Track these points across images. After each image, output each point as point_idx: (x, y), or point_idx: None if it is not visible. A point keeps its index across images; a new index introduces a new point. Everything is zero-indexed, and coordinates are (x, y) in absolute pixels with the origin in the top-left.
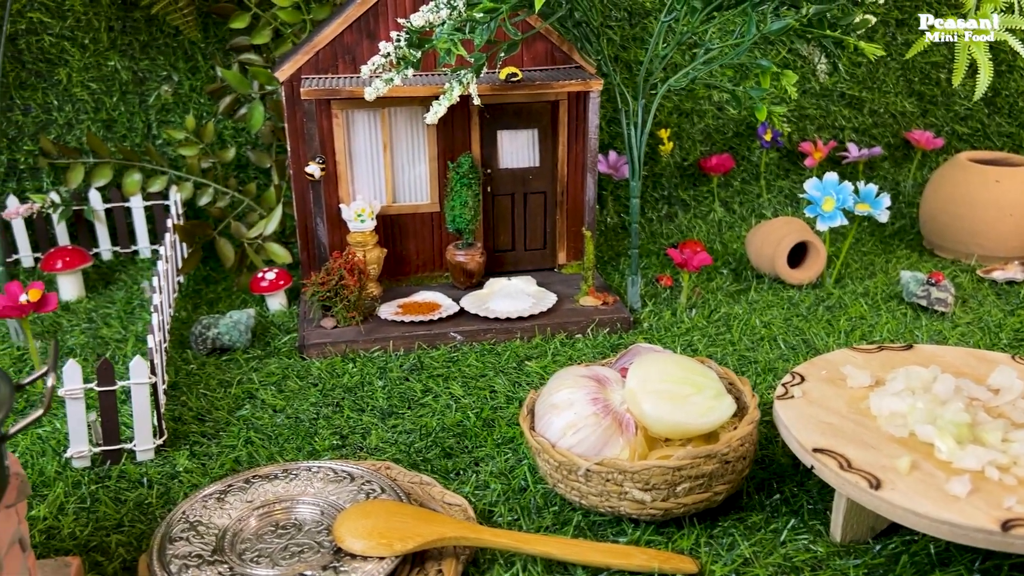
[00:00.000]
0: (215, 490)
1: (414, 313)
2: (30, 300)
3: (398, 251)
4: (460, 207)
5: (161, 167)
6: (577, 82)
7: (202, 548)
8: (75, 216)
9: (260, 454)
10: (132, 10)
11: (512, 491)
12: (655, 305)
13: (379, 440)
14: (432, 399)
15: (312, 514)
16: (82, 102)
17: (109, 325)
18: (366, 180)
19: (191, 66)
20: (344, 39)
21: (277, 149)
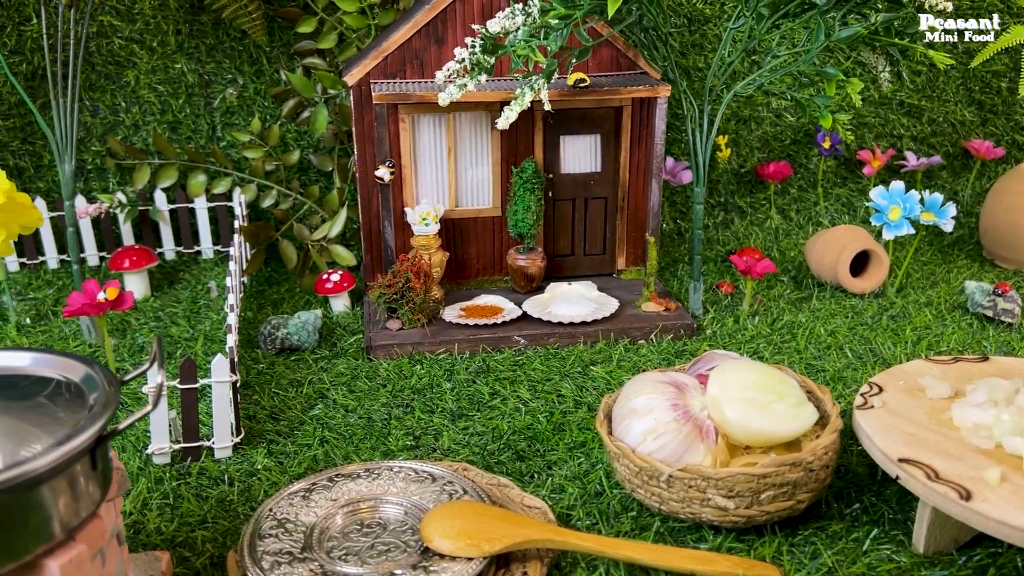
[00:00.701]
0: (300, 488)
1: (477, 316)
2: (107, 298)
3: (459, 255)
4: (523, 211)
5: (226, 169)
6: (644, 88)
7: (291, 545)
8: (140, 216)
9: (335, 453)
10: (199, 14)
11: (588, 495)
12: (716, 312)
13: (451, 441)
14: (500, 402)
15: (396, 513)
16: (149, 104)
17: (177, 324)
18: (429, 184)
19: (256, 69)
20: (412, 44)
21: (339, 152)
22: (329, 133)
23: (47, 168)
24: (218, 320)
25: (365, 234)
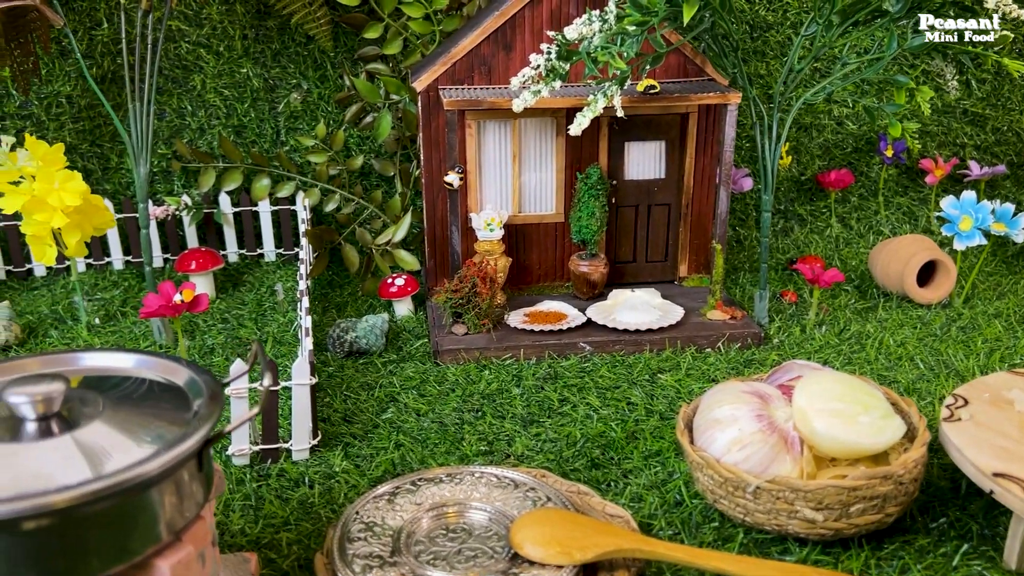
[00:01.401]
0: (385, 491)
1: (541, 322)
2: (184, 300)
3: (520, 260)
4: (587, 218)
5: (289, 173)
6: (715, 95)
7: (380, 549)
8: (204, 219)
9: (411, 457)
10: (266, 19)
11: (668, 505)
12: (782, 321)
13: (524, 447)
14: (571, 409)
15: (481, 519)
16: (215, 108)
17: (244, 326)
18: (493, 190)
19: (320, 75)
20: (481, 50)
21: (400, 158)
22: (391, 138)
23: (114, 171)
24: (284, 322)
25: (429, 239)
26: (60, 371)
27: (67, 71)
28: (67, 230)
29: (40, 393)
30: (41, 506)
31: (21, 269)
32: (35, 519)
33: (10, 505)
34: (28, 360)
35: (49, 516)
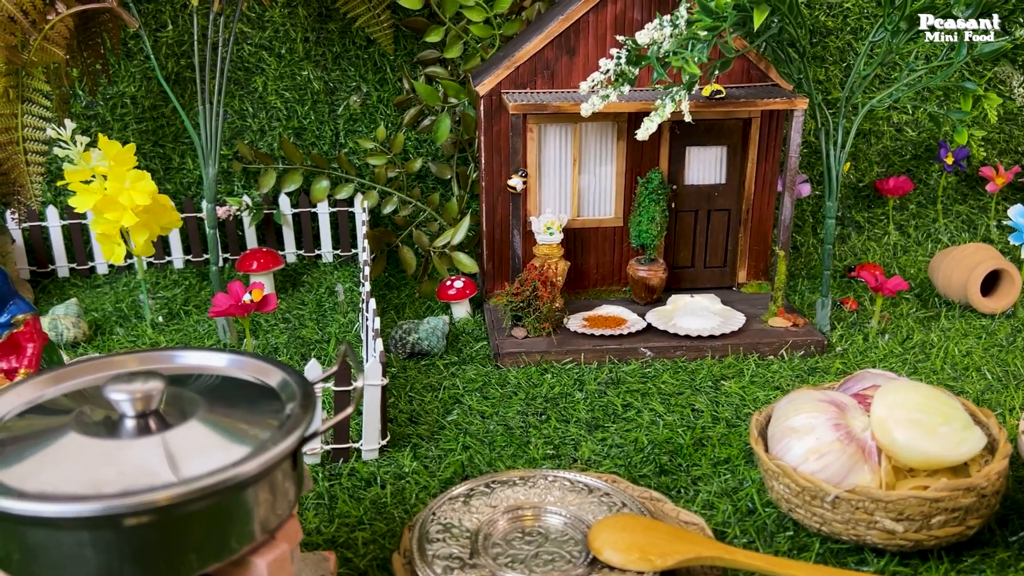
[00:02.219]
0: (460, 492)
1: (601, 327)
2: (253, 300)
3: (577, 264)
4: (647, 222)
5: (348, 175)
6: (781, 100)
7: (459, 550)
8: (263, 219)
9: (479, 459)
10: (327, 22)
11: (741, 513)
12: (844, 329)
13: (590, 452)
14: (635, 414)
15: (557, 523)
16: (275, 110)
17: (305, 326)
18: (552, 194)
19: (379, 78)
20: (544, 55)
21: (457, 161)
22: (448, 142)
23: (176, 171)
24: (345, 323)
25: (488, 242)
26: (157, 369)
27: (132, 72)
28: (135, 229)
29: (140, 391)
30: (147, 503)
31: (84, 267)
32: (139, 516)
33: (117, 501)
34: (126, 357)
35: (152, 513)
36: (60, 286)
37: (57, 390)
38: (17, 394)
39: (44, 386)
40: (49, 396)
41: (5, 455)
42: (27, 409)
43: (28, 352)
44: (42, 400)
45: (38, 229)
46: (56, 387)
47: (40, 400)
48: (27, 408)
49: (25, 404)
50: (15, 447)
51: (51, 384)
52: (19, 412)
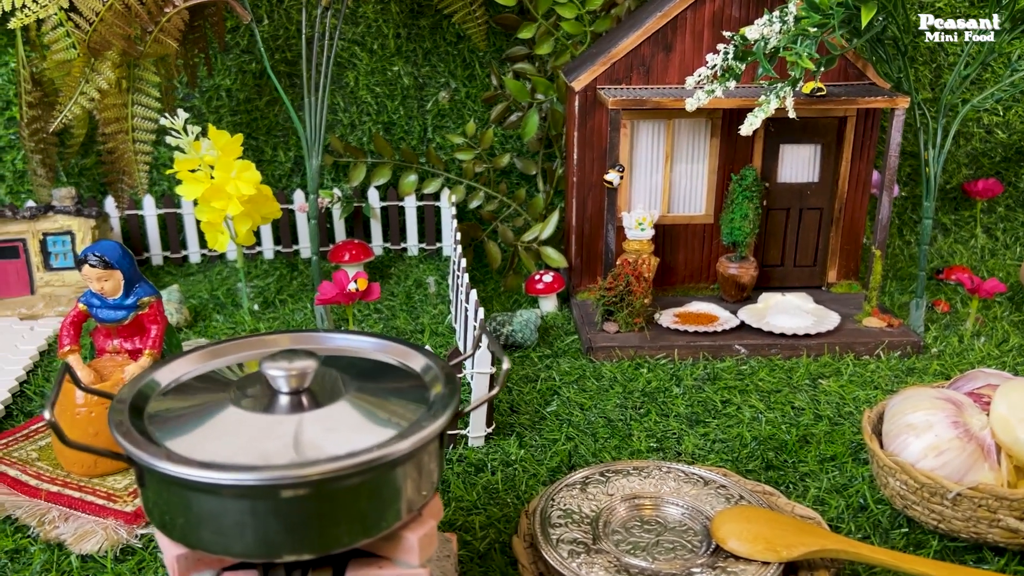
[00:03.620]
0: (576, 480)
1: (693, 323)
2: (358, 288)
3: (666, 261)
4: (740, 219)
5: (436, 170)
6: (882, 99)
7: (582, 535)
8: (352, 212)
9: (583, 449)
10: (418, 18)
11: (852, 509)
12: (937, 330)
13: (693, 447)
14: (735, 410)
15: (675, 513)
16: (366, 104)
17: (397, 317)
18: (643, 189)
19: (468, 74)
20: (640, 51)
21: (543, 157)
22: (534, 138)
23: (268, 163)
24: (436, 314)
25: (577, 237)
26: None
27: (228, 66)
28: (239, 218)
29: (295, 368)
30: (325, 472)
31: (177, 256)
32: (298, 488)
33: (298, 471)
34: (278, 336)
35: (315, 486)
36: (154, 273)
37: (214, 364)
38: (178, 366)
39: (202, 360)
40: (206, 370)
41: (172, 425)
42: (188, 380)
43: (152, 333)
44: (200, 373)
45: (135, 217)
46: (213, 361)
47: (198, 373)
48: (188, 379)
49: (185, 376)
50: (180, 418)
51: (209, 358)
52: (180, 383)
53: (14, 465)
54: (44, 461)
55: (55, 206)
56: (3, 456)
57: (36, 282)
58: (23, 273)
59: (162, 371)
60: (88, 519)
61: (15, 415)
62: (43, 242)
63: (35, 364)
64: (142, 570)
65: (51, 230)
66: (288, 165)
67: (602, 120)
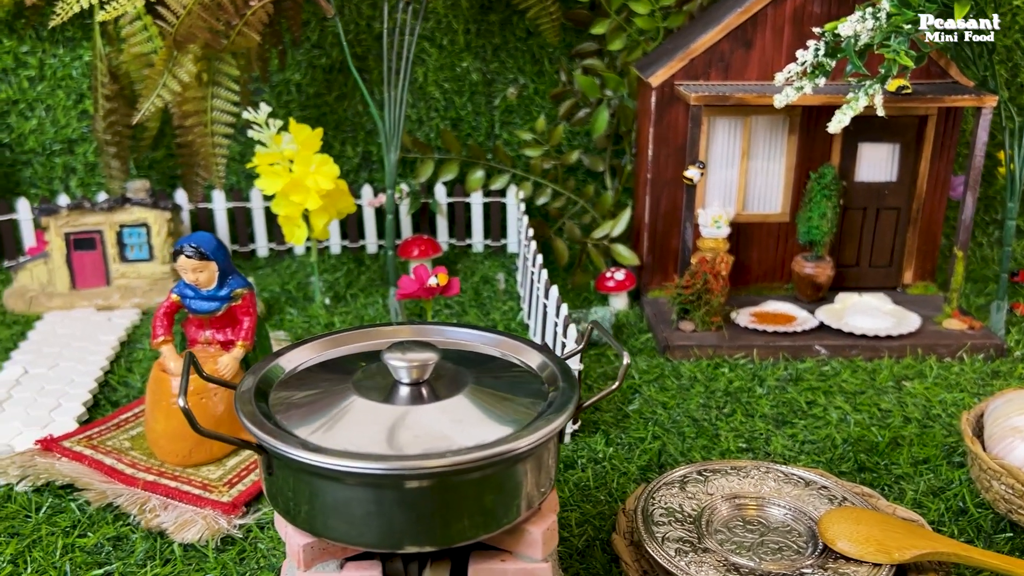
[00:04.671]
0: (675, 478)
1: (770, 323)
2: (439, 283)
3: (739, 259)
4: (818, 218)
5: (504, 166)
6: (969, 97)
7: (686, 534)
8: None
9: (671, 448)
10: (488, 14)
11: (952, 512)
12: (1019, 333)
13: (782, 447)
14: (821, 411)
15: (777, 514)
16: (434, 100)
17: (467, 313)
18: (718, 187)
19: (537, 70)
20: (720, 47)
21: (611, 153)
22: (602, 134)
23: (336, 158)
24: (506, 310)
25: (649, 234)
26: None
27: (298, 60)
28: (317, 212)
29: (417, 360)
30: (461, 463)
31: (245, 249)
32: (434, 478)
33: (424, 462)
34: (396, 328)
35: (448, 477)
36: None
37: (333, 353)
38: (299, 354)
39: (322, 348)
40: (324, 359)
41: (297, 413)
42: (307, 369)
43: (245, 325)
44: (320, 361)
45: (204, 211)
46: (332, 350)
47: (318, 361)
48: (307, 368)
49: (306, 363)
50: (305, 406)
51: (328, 347)
52: (299, 371)
53: (109, 454)
54: (137, 450)
55: (131, 198)
56: (98, 445)
57: (112, 274)
58: (99, 265)
59: (283, 359)
60: (187, 508)
61: (102, 404)
62: (119, 234)
63: (116, 354)
64: (243, 560)
65: (127, 222)
66: (355, 160)
67: (678, 116)
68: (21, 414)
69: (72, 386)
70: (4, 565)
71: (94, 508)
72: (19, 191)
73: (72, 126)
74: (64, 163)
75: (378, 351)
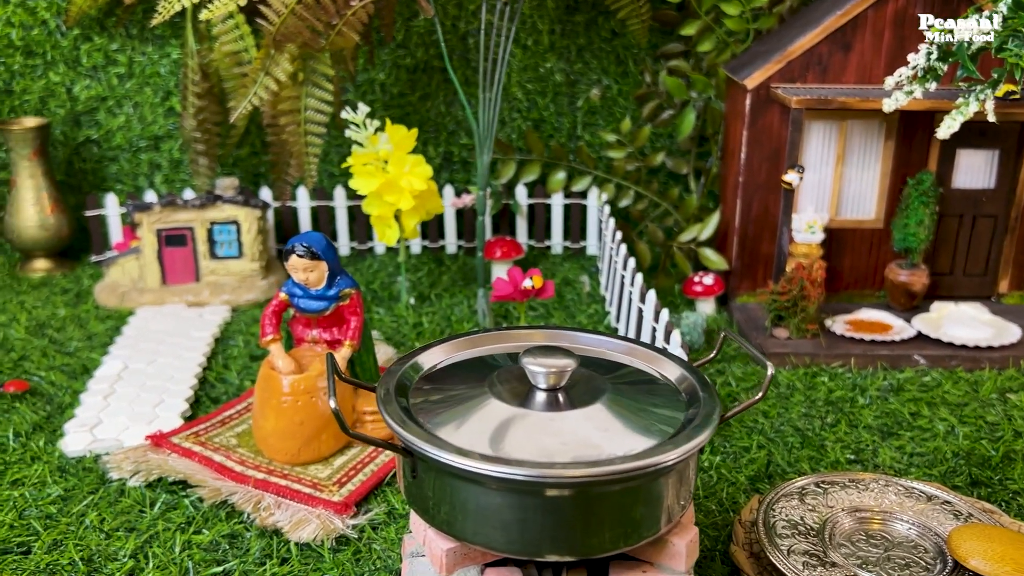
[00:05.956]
0: (793, 490)
1: (866, 331)
2: (533, 286)
3: (831, 265)
4: (915, 225)
5: (586, 168)
6: None
7: (811, 547)
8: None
9: (777, 458)
10: (574, 14)
11: None
12: None
13: (891, 459)
14: (927, 423)
15: (902, 528)
16: (517, 101)
17: (551, 315)
18: (812, 192)
19: (621, 71)
20: (818, 49)
21: (695, 155)
22: (686, 136)
23: None
24: (592, 313)
25: (739, 239)
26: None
27: (383, 60)
28: (408, 213)
29: (555, 366)
30: (621, 472)
31: None
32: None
33: (598, 469)
34: (532, 331)
35: (612, 484)
36: None
37: (465, 354)
38: (433, 354)
39: (454, 349)
40: (460, 358)
41: (439, 416)
42: (440, 370)
43: (352, 325)
44: (454, 361)
45: (288, 209)
46: (469, 351)
47: (452, 361)
48: (444, 367)
49: (443, 362)
50: (445, 409)
51: (462, 348)
52: (432, 372)
53: (218, 451)
54: (244, 447)
55: (222, 196)
56: (206, 441)
57: (201, 270)
58: (189, 261)
59: (420, 358)
60: (299, 507)
61: (202, 401)
62: (210, 231)
63: (212, 351)
64: (359, 561)
65: (218, 219)
66: (437, 161)
67: (773, 119)
68: (126, 409)
69: (172, 382)
70: (126, 560)
71: (207, 505)
72: (105, 187)
73: (158, 123)
74: (149, 159)
75: (510, 354)
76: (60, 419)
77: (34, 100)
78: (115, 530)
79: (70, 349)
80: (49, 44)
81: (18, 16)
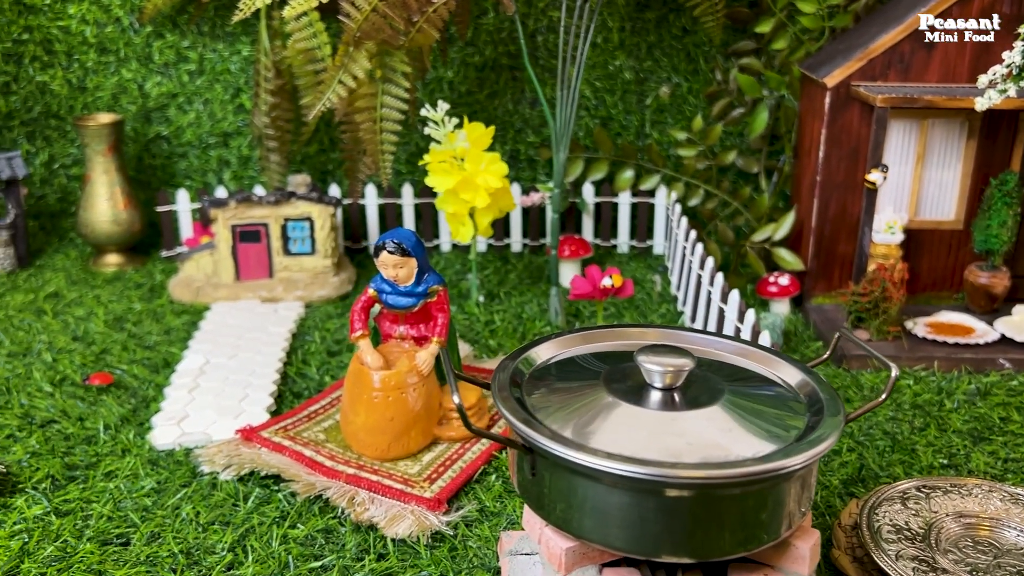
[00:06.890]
0: (895, 494)
1: (948, 334)
2: (613, 284)
3: (908, 266)
4: (997, 227)
5: (654, 166)
6: None
7: (919, 553)
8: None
9: (869, 462)
10: (644, 11)
11: None
12: None
13: (985, 465)
14: (1018, 428)
15: (1010, 536)
16: (584, 99)
17: (622, 315)
18: (891, 192)
19: (692, 68)
20: (900, 48)
21: (766, 154)
22: (759, 135)
23: None
24: (664, 312)
25: (815, 239)
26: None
27: (452, 58)
28: (483, 211)
29: (672, 365)
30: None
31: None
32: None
33: (738, 469)
34: (646, 330)
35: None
36: (371, 261)
37: (577, 350)
38: (545, 349)
39: (570, 344)
40: (572, 354)
41: (558, 414)
42: (551, 365)
43: (439, 321)
44: (566, 356)
45: (356, 206)
46: (580, 347)
47: (565, 356)
48: (557, 362)
49: (555, 357)
50: (562, 406)
51: (576, 343)
52: (543, 368)
53: (307, 445)
54: (332, 443)
55: (295, 192)
56: (295, 436)
57: (275, 266)
58: (263, 257)
59: (531, 352)
60: (393, 503)
61: (285, 396)
62: (284, 227)
63: (290, 346)
64: (455, 558)
65: (292, 216)
66: (504, 159)
67: (853, 117)
68: (212, 403)
69: (255, 376)
70: (224, 553)
71: (300, 500)
72: (174, 183)
73: (228, 120)
74: (219, 156)
75: (622, 352)
76: (146, 412)
77: (107, 97)
78: (211, 523)
79: (149, 343)
80: (122, 41)
81: (92, 14)
